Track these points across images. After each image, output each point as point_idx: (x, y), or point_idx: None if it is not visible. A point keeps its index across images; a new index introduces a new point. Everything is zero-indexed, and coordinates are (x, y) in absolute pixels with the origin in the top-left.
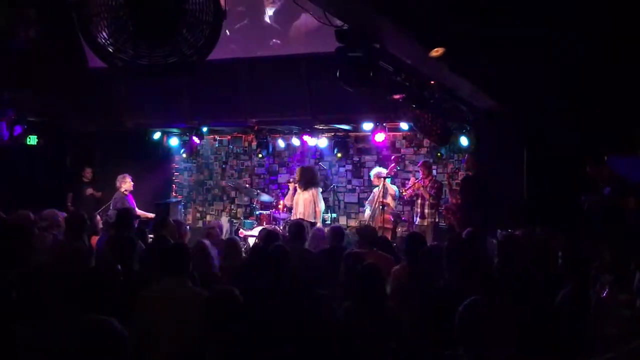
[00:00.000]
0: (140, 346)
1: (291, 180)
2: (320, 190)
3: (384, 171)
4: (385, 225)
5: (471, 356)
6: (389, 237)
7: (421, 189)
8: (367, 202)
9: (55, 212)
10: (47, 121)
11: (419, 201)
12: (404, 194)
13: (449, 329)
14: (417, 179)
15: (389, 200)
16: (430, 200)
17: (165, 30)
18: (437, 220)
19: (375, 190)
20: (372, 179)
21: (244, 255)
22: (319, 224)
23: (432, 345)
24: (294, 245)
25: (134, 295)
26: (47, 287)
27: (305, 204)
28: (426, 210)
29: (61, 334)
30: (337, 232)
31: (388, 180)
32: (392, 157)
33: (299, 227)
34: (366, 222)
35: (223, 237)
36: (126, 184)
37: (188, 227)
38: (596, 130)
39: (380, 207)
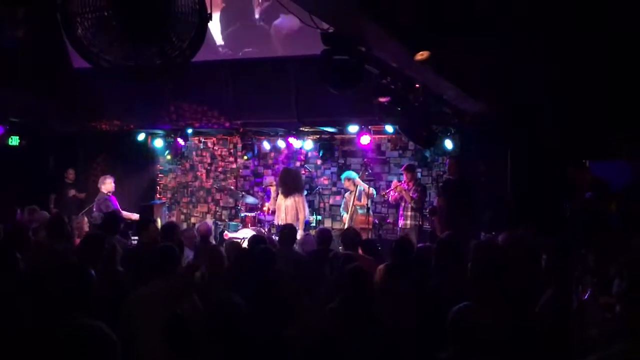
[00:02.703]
0: (128, 350)
1: (273, 182)
2: (305, 193)
3: (354, 174)
4: (368, 227)
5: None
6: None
7: (403, 192)
8: (341, 207)
9: (45, 214)
10: (30, 122)
11: (403, 204)
12: (385, 196)
13: (439, 331)
14: (400, 181)
15: (363, 201)
16: (412, 204)
17: (151, 31)
18: (420, 223)
19: (347, 194)
20: (342, 182)
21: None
22: (300, 232)
23: (421, 348)
24: (283, 248)
25: (113, 297)
26: (33, 289)
27: (287, 210)
28: (409, 213)
29: (50, 339)
30: (325, 235)
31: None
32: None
33: (290, 230)
34: (346, 226)
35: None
36: (106, 185)
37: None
38: (578, 136)
39: (358, 209)
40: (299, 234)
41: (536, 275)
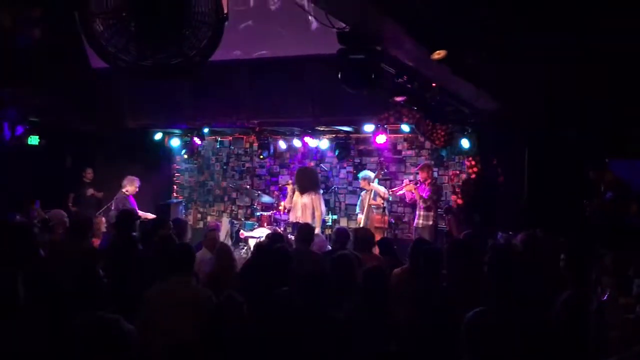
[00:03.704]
0: (144, 344)
1: (290, 182)
2: (322, 192)
3: (371, 174)
4: (384, 226)
5: None
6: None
7: (413, 190)
8: (357, 206)
9: (62, 212)
10: (49, 121)
11: (419, 203)
12: (390, 194)
13: (450, 332)
14: (411, 180)
15: (378, 201)
16: (422, 203)
17: (168, 31)
18: (435, 222)
19: (363, 194)
20: (359, 181)
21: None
22: (317, 230)
23: (432, 348)
24: (300, 247)
25: (134, 295)
26: (53, 285)
27: (303, 208)
28: (422, 212)
29: (71, 331)
30: (342, 233)
31: (375, 182)
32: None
33: (307, 229)
34: (362, 225)
35: (222, 238)
36: (132, 186)
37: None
38: (599, 134)
39: (373, 209)
40: (316, 232)
41: (554, 276)
